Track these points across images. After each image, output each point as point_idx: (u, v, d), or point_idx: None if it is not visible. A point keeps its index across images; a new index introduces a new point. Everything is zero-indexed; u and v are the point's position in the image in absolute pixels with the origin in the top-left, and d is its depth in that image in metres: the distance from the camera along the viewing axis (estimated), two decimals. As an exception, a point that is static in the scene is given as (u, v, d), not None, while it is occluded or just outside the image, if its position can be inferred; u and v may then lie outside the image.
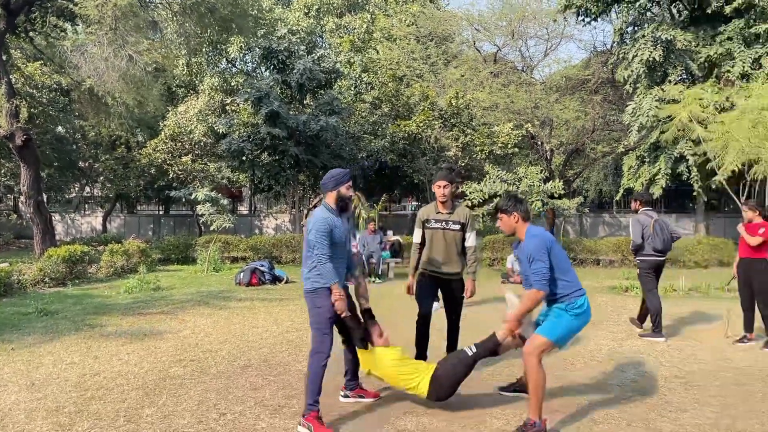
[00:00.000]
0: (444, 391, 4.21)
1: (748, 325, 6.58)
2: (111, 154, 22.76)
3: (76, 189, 26.90)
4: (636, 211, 7.09)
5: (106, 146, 23.35)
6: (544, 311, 4.15)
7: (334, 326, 4.16)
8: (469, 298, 5.05)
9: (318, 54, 18.69)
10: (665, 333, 6.77)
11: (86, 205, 29.27)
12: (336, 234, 4.05)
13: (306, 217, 22.41)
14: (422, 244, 5.20)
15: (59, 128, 21.41)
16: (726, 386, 4.94)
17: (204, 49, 22.06)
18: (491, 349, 4.26)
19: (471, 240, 5.09)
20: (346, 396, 4.50)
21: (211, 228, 14.04)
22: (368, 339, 4.31)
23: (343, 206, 4.14)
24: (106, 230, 24.61)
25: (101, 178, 24.16)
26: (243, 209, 32.17)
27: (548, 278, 3.82)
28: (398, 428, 3.96)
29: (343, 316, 4.05)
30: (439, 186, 5.02)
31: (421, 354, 5.09)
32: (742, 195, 13.10)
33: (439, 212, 5.11)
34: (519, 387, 4.59)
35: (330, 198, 4.14)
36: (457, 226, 5.06)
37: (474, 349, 4.25)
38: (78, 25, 15.59)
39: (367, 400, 4.51)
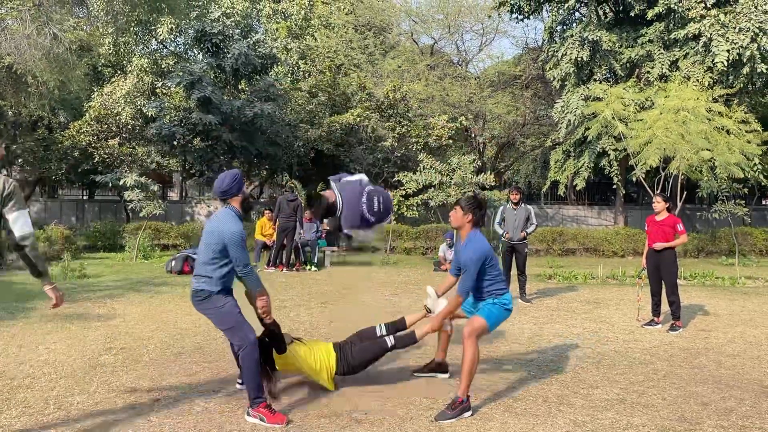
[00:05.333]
0: (353, 370, 4.51)
1: (656, 310, 7.15)
2: (31, 135, 21.55)
3: (-8, 171, 25.35)
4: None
5: (25, 127, 22.08)
6: (471, 303, 4.54)
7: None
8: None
9: (254, 39, 18.41)
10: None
11: (2, 189, 27.58)
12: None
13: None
14: None
15: (-27, 106, 20.07)
16: (633, 365, 5.39)
17: (132, 28, 21.19)
18: (409, 344, 4.66)
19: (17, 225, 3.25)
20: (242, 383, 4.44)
21: (141, 214, 13.66)
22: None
23: (247, 206, 4.11)
24: (25, 215, 23.34)
25: (20, 160, 22.85)
26: (174, 195, 31.24)
27: (471, 290, 4.33)
28: (332, 410, 4.11)
29: (268, 321, 4.09)
30: None
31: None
32: (657, 188, 14.01)
33: None
34: (432, 368, 4.89)
35: (236, 202, 4.00)
36: None
37: (392, 342, 4.55)
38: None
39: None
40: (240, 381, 4.51)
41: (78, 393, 4.35)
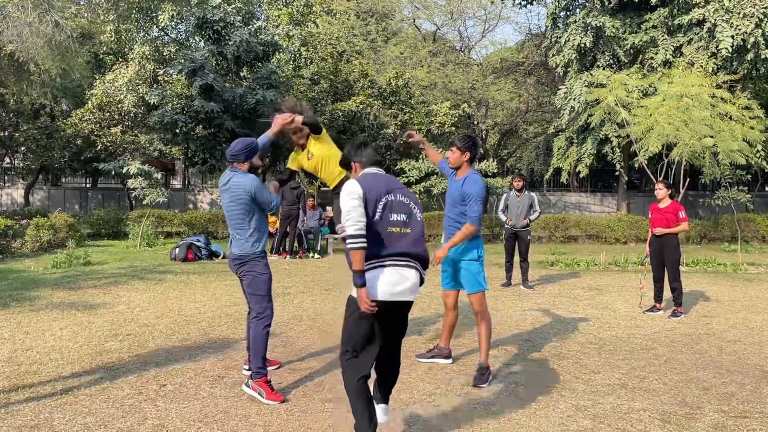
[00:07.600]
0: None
1: (658, 296, 7.18)
2: (33, 123, 21.58)
3: (-5, 159, 25.40)
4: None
5: (28, 115, 22.11)
6: (450, 274, 4.75)
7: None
8: None
9: (255, 26, 18.31)
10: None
11: (6, 177, 27.71)
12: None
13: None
14: None
15: (-25, 94, 20.09)
16: (635, 351, 5.42)
17: (133, 16, 21.13)
18: None
19: None
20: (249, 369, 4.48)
21: (144, 202, 13.70)
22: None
23: (253, 174, 4.32)
24: (29, 203, 23.45)
25: (23, 148, 22.90)
26: (176, 183, 31.27)
27: (481, 218, 4.58)
28: (336, 394, 4.16)
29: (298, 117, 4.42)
30: None
31: None
32: (660, 175, 13.98)
33: None
34: (435, 354, 5.00)
35: (242, 167, 4.17)
36: None
37: None
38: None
39: (271, 368, 4.59)
40: (247, 367, 4.55)
41: (84, 379, 4.41)
